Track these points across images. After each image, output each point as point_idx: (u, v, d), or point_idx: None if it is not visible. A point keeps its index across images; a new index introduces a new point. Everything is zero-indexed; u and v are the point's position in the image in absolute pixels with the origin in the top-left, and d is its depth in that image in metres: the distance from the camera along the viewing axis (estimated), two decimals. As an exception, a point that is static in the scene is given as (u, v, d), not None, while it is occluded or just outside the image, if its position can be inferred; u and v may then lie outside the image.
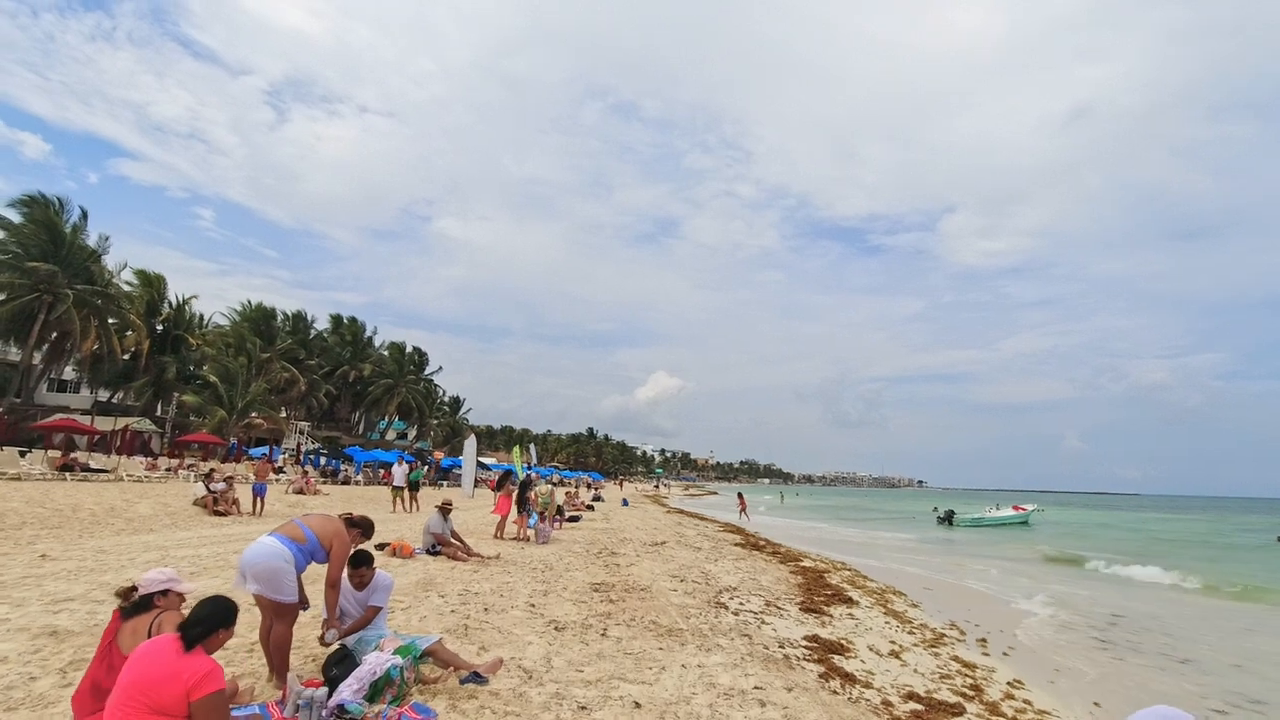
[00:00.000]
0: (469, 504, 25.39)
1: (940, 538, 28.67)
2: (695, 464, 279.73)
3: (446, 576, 8.87)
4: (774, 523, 33.91)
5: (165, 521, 13.80)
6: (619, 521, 23.02)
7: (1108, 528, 40.56)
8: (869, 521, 39.74)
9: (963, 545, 24.74)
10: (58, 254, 32.40)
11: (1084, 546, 24.70)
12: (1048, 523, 42.23)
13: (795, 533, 27.11)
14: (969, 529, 34.14)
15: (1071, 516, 56.39)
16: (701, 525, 25.12)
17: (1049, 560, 20.05)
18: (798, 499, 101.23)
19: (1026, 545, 24.58)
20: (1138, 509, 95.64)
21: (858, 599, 10.23)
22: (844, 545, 22.83)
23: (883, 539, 26.70)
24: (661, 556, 13.14)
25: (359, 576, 4.79)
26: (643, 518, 26.41)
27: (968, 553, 21.66)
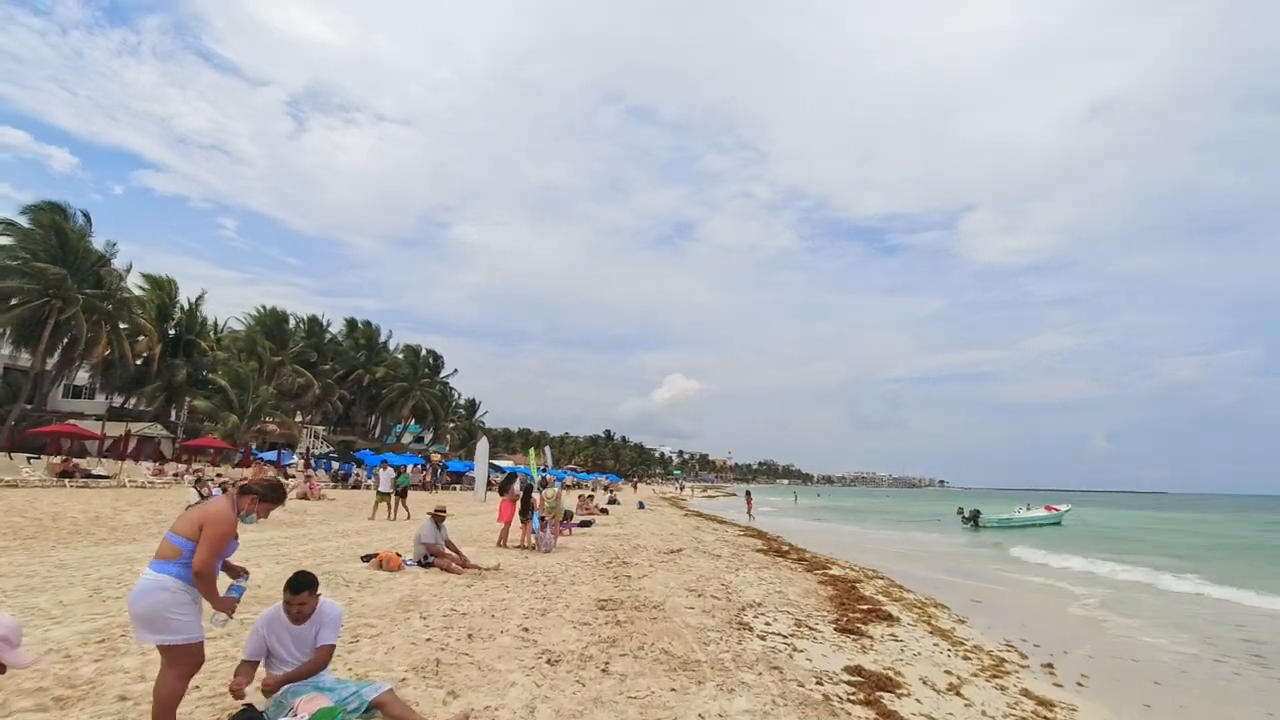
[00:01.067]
0: (480, 509, 24.50)
1: (970, 540, 27.28)
2: (714, 465, 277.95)
3: (435, 593, 7.90)
4: (793, 525, 32.69)
5: (152, 530, 13.01)
6: (633, 526, 22.00)
7: (1147, 529, 38.77)
8: (893, 523, 38.33)
9: (997, 547, 23.37)
10: (66, 259, 32.10)
11: (1127, 549, 23.25)
12: (1081, 523, 40.49)
13: (817, 536, 25.90)
14: (996, 530, 32.62)
15: (1105, 517, 54.44)
16: (720, 530, 24.01)
17: (1092, 563, 18.68)
18: (818, 499, 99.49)
19: (1061, 547, 23.15)
20: (1170, 508, 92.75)
21: (898, 614, 9.10)
22: (871, 549, 21.58)
23: (911, 542, 25.40)
24: (677, 566, 12.08)
25: (298, 605, 3.79)
26: (659, 522, 25.35)
27: (1004, 556, 20.34)
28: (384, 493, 18.89)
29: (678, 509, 41.79)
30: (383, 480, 19.10)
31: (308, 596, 3.82)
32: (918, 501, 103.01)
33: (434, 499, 31.30)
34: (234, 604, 3.34)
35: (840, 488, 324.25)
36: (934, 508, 70.60)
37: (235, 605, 3.35)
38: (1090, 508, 76.25)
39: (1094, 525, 40.14)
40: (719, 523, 29.22)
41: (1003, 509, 42.26)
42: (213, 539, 3.18)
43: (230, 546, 3.32)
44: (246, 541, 11.88)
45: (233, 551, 3.38)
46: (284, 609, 3.82)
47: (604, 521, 23.20)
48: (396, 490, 19.12)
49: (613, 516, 25.64)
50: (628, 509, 33.62)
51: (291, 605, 3.80)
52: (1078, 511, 47.88)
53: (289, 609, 3.81)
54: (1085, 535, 30.95)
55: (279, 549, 11.17)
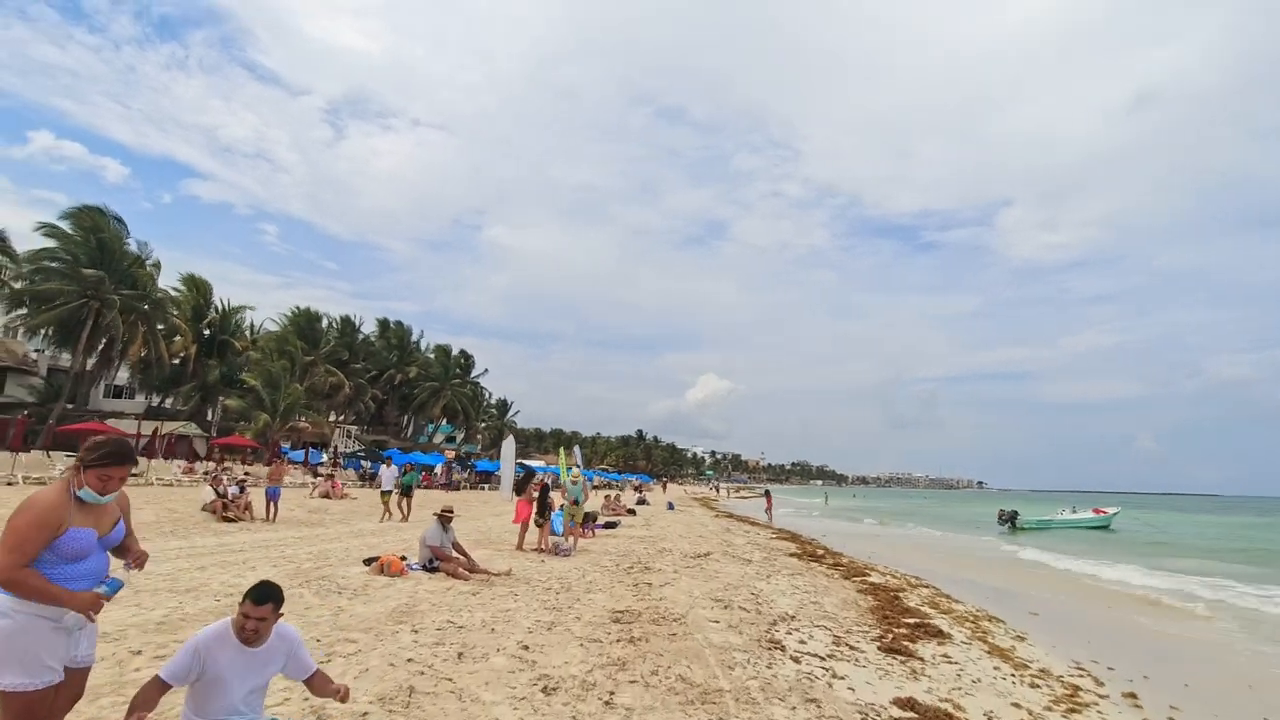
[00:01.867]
0: (505, 509, 23.96)
1: (1011, 542, 25.79)
2: (746, 465, 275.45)
3: (435, 601, 7.24)
4: (824, 528, 31.48)
5: (164, 529, 12.67)
6: (660, 528, 21.20)
7: (1208, 533, 36.53)
8: (930, 525, 36.81)
9: (1042, 551, 21.96)
10: (104, 261, 32.63)
11: (1186, 556, 21.64)
12: (1135, 526, 38.38)
13: (852, 540, 24.75)
14: (1035, 532, 30.95)
15: (1159, 520, 51.78)
16: (752, 532, 23.07)
17: (1150, 573, 17.25)
18: (853, 500, 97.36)
19: (1113, 553, 21.64)
20: (1226, 511, 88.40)
21: (948, 630, 8.14)
22: (910, 553, 20.41)
23: (950, 545, 24.11)
24: (704, 573, 11.25)
25: (256, 620, 2.85)
26: (687, 524, 24.51)
27: (1045, 563, 19.01)
28: (387, 491, 18.17)
29: (709, 510, 40.87)
30: (385, 478, 18.46)
31: (270, 611, 2.98)
32: (956, 503, 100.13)
33: (458, 499, 30.99)
34: (95, 602, 2.53)
35: (876, 488, 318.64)
36: (971, 509, 68.21)
37: (97, 605, 2.55)
38: (1140, 510, 73.01)
39: (1148, 528, 37.98)
40: (750, 524, 28.25)
41: (1043, 510, 40.28)
42: (12, 534, 2.35)
43: (73, 538, 2.48)
44: (253, 543, 11.44)
45: (110, 544, 2.66)
46: (236, 625, 2.98)
47: (630, 523, 22.47)
48: (400, 488, 18.31)
49: (640, 518, 24.89)
50: (657, 510, 32.89)
51: (249, 620, 2.92)
52: (1128, 514, 45.47)
53: (244, 625, 2.94)
54: (1139, 540, 29.15)
55: (282, 551, 10.67)
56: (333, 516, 17.53)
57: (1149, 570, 17.16)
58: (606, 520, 20.83)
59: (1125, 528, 35.41)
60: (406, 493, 18.43)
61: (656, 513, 30.74)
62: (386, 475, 18.47)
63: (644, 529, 20.46)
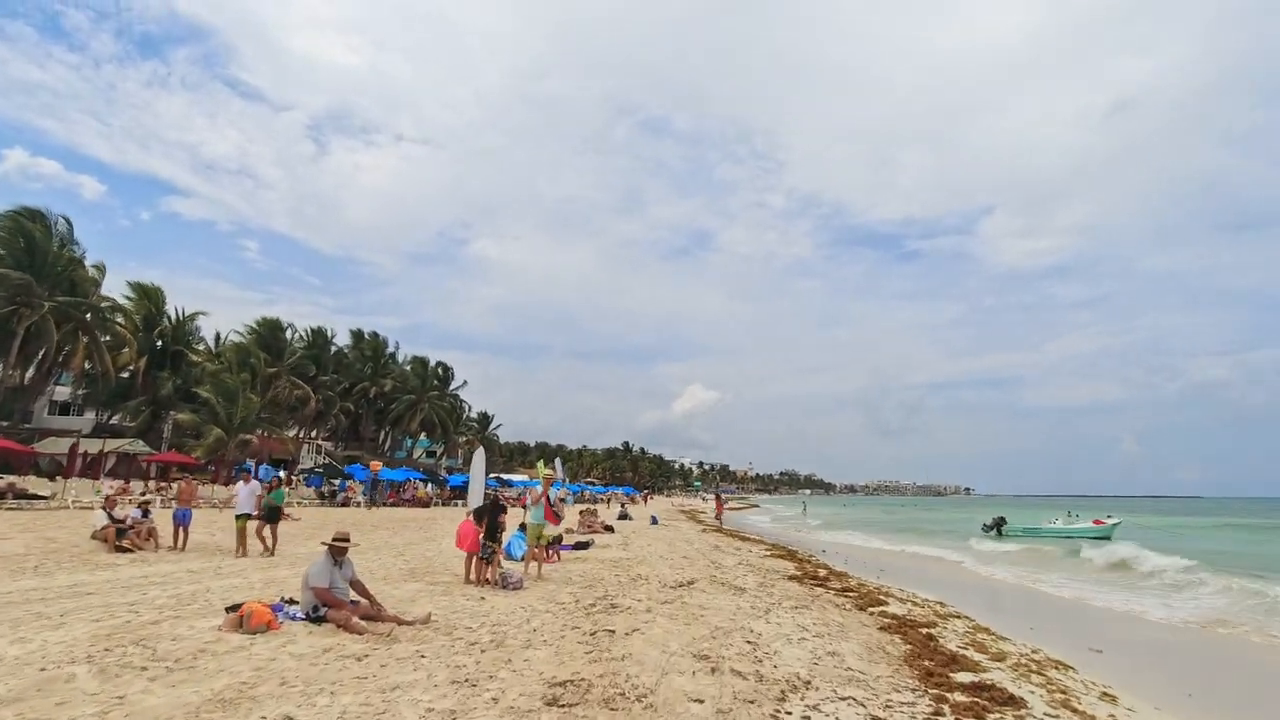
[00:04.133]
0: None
1: (1010, 552, 23.76)
2: (734, 476, 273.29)
3: (295, 674, 4.97)
4: (815, 541, 29.32)
5: (27, 563, 10.27)
6: (639, 548, 18.91)
7: (1226, 542, 34.78)
8: (927, 535, 34.83)
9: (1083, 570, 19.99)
10: (34, 264, 30.01)
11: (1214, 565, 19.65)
12: (1141, 537, 36.54)
13: (847, 553, 22.64)
14: (1022, 539, 28.98)
15: (1158, 526, 50.12)
16: (743, 549, 20.84)
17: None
18: (844, 510, 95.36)
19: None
20: (1219, 514, 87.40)
21: (1015, 689, 5.97)
22: (917, 570, 18.30)
23: (949, 561, 22.02)
24: (686, 610, 9.00)
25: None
26: (671, 541, 22.23)
27: (1090, 578, 16.97)
28: (244, 515, 12.77)
29: (696, 524, 38.61)
30: (242, 498, 12.87)
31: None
32: (944, 509, 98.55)
33: (424, 516, 28.45)
34: None
35: (863, 496, 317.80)
36: (952, 515, 66.09)
37: None
38: (1131, 514, 71.37)
39: (1160, 534, 36.12)
40: (741, 539, 26.02)
41: (1032, 518, 37.81)
42: None
43: None
44: (124, 580, 9.08)
45: None
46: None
47: (606, 542, 20.18)
48: (264, 512, 13.12)
49: (619, 535, 22.58)
50: (639, 525, 30.55)
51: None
52: (1129, 523, 43.64)
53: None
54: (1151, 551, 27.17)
55: (144, 591, 8.31)
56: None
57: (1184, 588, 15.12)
58: (577, 540, 18.52)
59: (1130, 538, 33.53)
60: (271, 519, 13.25)
61: (640, 527, 28.45)
62: (244, 494, 12.91)
63: (621, 549, 18.16)
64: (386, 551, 15.13)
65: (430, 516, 29.20)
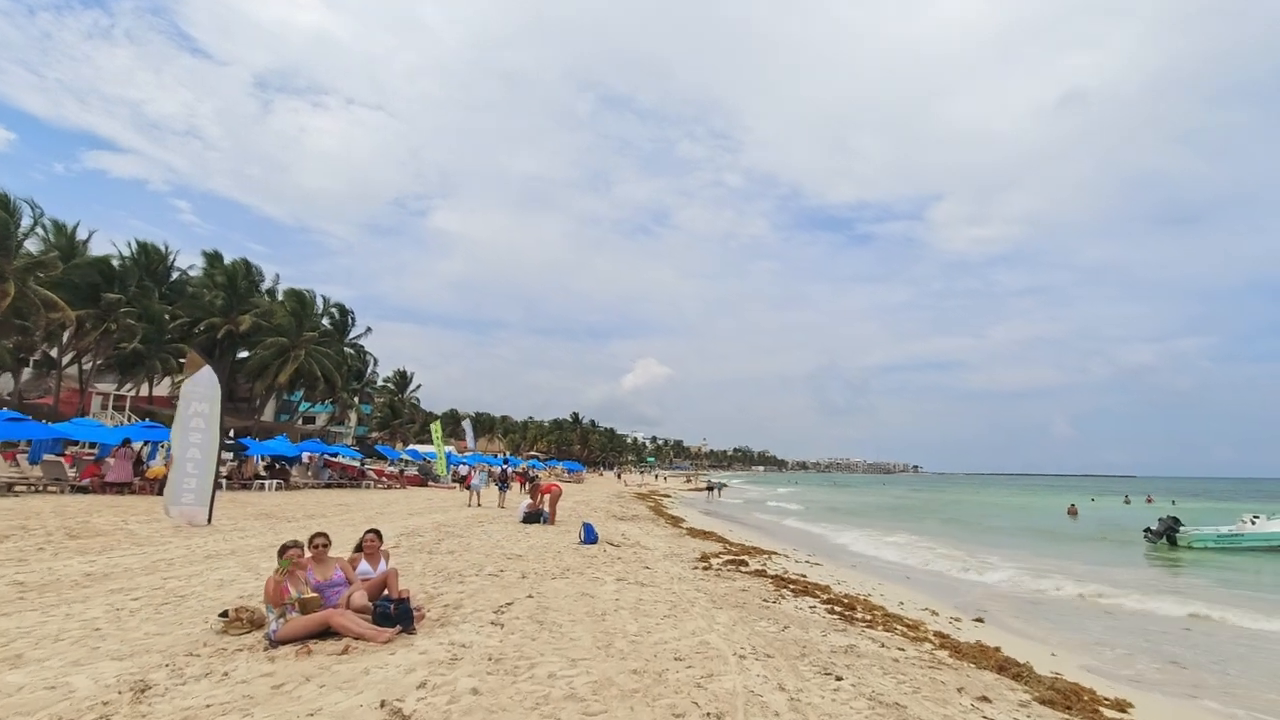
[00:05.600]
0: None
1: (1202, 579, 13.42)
2: (689, 452, 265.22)
3: None
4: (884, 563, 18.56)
5: None
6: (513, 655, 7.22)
7: None
8: (1015, 543, 24.44)
9: None
10: None
11: None
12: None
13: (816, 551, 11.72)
14: (1212, 553, 18.97)
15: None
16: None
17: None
18: (794, 488, 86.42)
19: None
20: (1195, 496, 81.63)
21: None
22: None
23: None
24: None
25: None
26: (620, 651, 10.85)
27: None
28: None
29: (669, 525, 27.47)
30: None
31: None
32: (953, 492, 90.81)
33: (314, 501, 16.09)
34: None
35: (815, 474, 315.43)
36: (967, 498, 56.66)
37: None
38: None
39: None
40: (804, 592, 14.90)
41: (1197, 518, 26.56)
42: None
43: None
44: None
45: None
46: None
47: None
48: None
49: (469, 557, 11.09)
50: (552, 540, 19.00)
51: None
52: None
53: None
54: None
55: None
56: None
57: None
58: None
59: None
60: None
61: (541, 557, 17.02)
62: None
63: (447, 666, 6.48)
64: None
65: (298, 503, 17.22)
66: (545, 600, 7.38)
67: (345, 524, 14.99)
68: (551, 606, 7.07)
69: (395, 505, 21.57)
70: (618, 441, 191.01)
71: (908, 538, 23.73)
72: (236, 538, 11.98)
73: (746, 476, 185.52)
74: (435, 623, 6.10)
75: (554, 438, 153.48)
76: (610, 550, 12.50)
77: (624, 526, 18.67)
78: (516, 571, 9.27)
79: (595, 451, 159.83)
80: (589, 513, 22.17)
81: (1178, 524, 20.47)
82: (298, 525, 14.30)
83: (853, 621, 7.84)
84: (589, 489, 47.65)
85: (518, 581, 8.50)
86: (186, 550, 10.29)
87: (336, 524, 14.94)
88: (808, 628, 7.15)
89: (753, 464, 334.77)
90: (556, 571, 9.46)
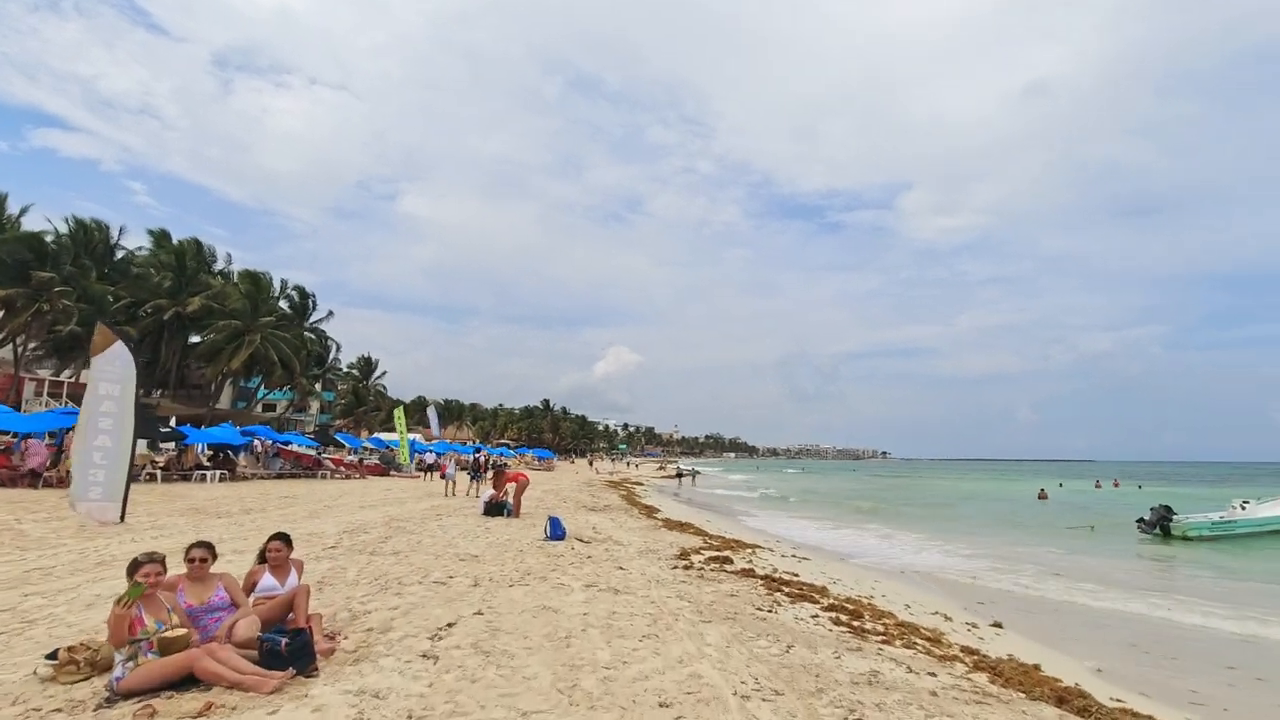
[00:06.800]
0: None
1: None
2: (660, 439, 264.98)
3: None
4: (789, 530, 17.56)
5: None
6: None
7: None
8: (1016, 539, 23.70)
9: None
10: None
11: None
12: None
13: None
14: (1207, 545, 18.38)
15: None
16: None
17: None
18: (756, 474, 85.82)
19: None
20: (1164, 479, 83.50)
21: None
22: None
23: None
24: None
25: None
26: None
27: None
28: None
29: (644, 515, 26.23)
30: None
31: None
32: (925, 478, 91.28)
33: (278, 491, 14.13)
34: None
35: (786, 460, 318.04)
36: (938, 484, 56.47)
37: None
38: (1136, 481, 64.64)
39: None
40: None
41: (1189, 505, 25.57)
42: None
43: None
44: None
45: None
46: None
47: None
48: None
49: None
50: (516, 533, 17.63)
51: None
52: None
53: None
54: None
55: None
56: None
57: None
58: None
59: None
60: None
61: (507, 547, 15.62)
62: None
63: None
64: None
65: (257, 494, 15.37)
66: (497, 618, 6.04)
67: (283, 520, 13.44)
68: (504, 626, 5.73)
69: (348, 497, 19.97)
70: (589, 429, 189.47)
71: (888, 528, 22.92)
72: (149, 538, 10.39)
73: (719, 463, 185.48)
74: (349, 657, 4.73)
75: (524, 425, 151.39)
76: (579, 548, 11.19)
77: (595, 518, 17.39)
78: (468, 577, 7.91)
79: (566, 439, 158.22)
80: (558, 503, 20.83)
81: (1171, 513, 19.87)
82: (228, 522, 12.73)
83: (864, 635, 6.67)
84: (559, 477, 46.28)
85: (467, 591, 7.14)
86: (78, 555, 8.72)
87: (274, 520, 13.39)
88: (816, 646, 5.94)
89: (724, 451, 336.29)
90: (515, 577, 8.12)
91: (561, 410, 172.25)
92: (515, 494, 15.80)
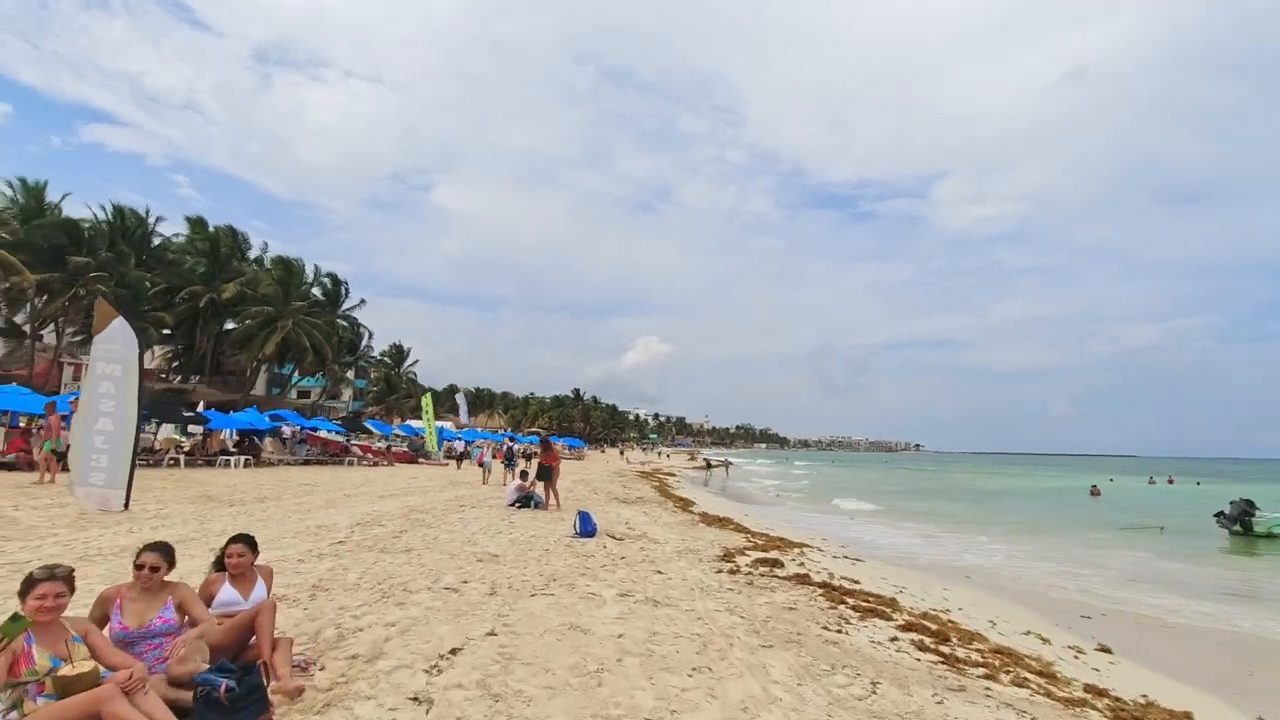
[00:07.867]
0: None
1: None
2: (691, 429, 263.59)
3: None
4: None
5: None
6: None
7: None
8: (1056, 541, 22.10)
9: None
10: None
11: None
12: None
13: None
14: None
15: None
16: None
17: None
18: (801, 466, 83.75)
19: None
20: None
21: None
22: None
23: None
24: None
25: None
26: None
27: None
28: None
29: (680, 508, 25.16)
30: None
31: None
32: (952, 472, 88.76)
33: (295, 477, 13.54)
34: None
35: (817, 451, 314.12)
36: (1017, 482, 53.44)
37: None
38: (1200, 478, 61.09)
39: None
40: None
41: (1262, 502, 22.92)
42: None
43: None
44: None
45: None
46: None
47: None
48: None
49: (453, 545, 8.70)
50: (537, 529, 16.70)
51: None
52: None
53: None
54: None
55: None
56: None
57: None
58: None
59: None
60: None
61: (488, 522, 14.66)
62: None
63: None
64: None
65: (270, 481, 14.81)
66: (513, 640, 4.97)
67: (298, 509, 12.65)
68: (520, 654, 4.65)
69: (370, 485, 19.26)
70: (620, 418, 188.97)
71: (938, 525, 21.45)
72: (149, 528, 9.61)
73: (749, 454, 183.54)
74: (320, 699, 3.68)
75: (555, 414, 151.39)
76: (611, 546, 10.12)
77: (627, 511, 16.33)
78: (484, 583, 6.88)
79: (597, 429, 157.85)
80: (588, 494, 19.84)
81: (1253, 508, 18.06)
82: (238, 511, 11.96)
83: (959, 667, 5.43)
84: (589, 466, 45.47)
85: (481, 602, 6.10)
86: (64, 549, 7.92)
87: (289, 508, 12.61)
88: (907, 684, 4.74)
89: (755, 441, 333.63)
90: (538, 583, 7.06)
91: (593, 399, 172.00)
92: (550, 483, 14.82)
